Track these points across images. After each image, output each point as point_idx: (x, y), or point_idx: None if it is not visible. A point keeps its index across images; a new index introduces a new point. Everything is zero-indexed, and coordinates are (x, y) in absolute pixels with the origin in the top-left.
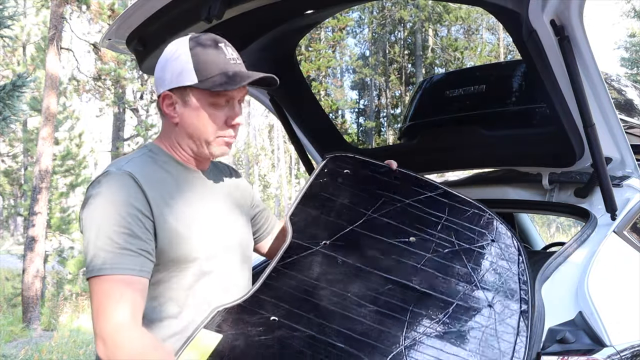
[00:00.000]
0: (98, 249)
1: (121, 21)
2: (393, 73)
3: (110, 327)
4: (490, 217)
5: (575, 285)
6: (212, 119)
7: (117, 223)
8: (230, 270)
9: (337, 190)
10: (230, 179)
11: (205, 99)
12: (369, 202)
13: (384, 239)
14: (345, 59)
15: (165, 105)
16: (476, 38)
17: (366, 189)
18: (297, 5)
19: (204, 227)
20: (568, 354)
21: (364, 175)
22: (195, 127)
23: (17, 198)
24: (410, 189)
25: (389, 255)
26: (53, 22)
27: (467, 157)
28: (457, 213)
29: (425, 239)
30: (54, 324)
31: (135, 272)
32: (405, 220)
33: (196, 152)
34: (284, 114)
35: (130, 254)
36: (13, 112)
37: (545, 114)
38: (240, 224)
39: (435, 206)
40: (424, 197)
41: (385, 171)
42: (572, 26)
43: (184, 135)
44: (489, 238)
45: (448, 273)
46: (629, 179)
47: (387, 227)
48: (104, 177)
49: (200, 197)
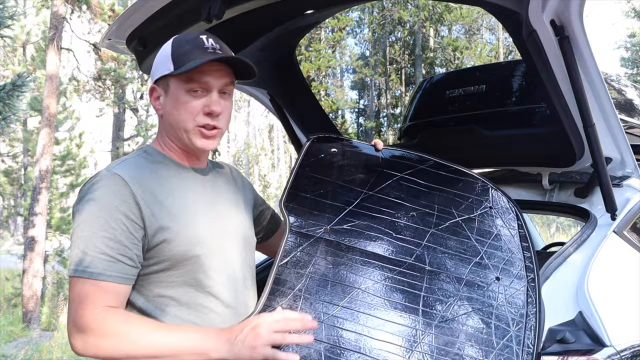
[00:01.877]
0: (79, 250)
1: (121, 21)
2: (393, 73)
3: (83, 320)
4: (484, 183)
5: (575, 285)
6: (189, 107)
7: (101, 227)
8: (232, 267)
9: (328, 170)
10: (230, 177)
11: (181, 86)
12: (362, 180)
13: (385, 217)
14: (345, 59)
15: (153, 98)
16: (476, 38)
17: (356, 166)
18: (297, 5)
19: (200, 225)
20: (568, 354)
21: (351, 153)
22: (174, 116)
23: (17, 198)
24: (400, 163)
25: (394, 233)
26: (53, 22)
27: (467, 157)
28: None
29: (426, 212)
30: (54, 324)
31: (110, 278)
32: (402, 195)
33: (182, 143)
34: (284, 114)
35: (108, 259)
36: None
37: (545, 114)
38: (241, 221)
39: (427, 177)
40: (415, 170)
41: (370, 148)
42: (572, 26)
43: (168, 126)
44: (487, 205)
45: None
46: (629, 179)
47: (385, 204)
48: (95, 178)
49: (197, 195)
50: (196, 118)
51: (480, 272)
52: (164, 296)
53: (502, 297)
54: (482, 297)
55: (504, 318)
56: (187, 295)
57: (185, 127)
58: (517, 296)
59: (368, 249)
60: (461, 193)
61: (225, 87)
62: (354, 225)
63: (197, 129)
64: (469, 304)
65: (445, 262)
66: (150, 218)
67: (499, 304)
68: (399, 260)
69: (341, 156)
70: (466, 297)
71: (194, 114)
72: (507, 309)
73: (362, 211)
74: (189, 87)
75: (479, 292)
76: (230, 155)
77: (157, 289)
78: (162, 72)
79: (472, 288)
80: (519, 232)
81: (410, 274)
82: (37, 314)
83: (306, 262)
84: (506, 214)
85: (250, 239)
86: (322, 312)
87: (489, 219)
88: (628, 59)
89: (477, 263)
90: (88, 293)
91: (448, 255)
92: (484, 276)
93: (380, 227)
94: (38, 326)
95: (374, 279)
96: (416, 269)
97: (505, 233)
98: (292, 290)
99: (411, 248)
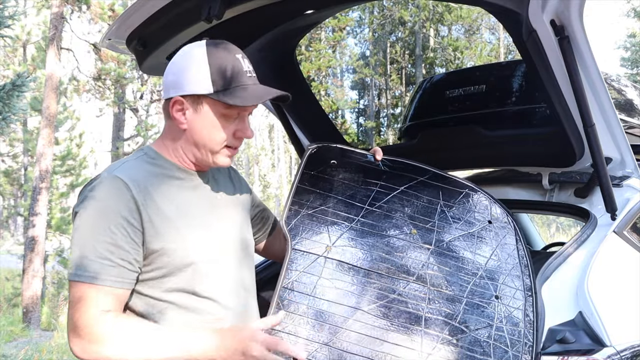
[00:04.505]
0: (80, 254)
1: (121, 21)
2: (393, 73)
3: (81, 324)
4: (483, 196)
5: (575, 285)
6: (222, 130)
7: (102, 231)
8: (231, 271)
9: (328, 184)
10: (228, 179)
11: (218, 110)
12: (362, 195)
13: (386, 234)
14: (345, 59)
15: (174, 110)
16: (476, 38)
17: (355, 180)
18: (297, 5)
19: (199, 230)
20: (568, 354)
21: (350, 165)
22: (203, 136)
23: (17, 198)
24: (399, 175)
25: (395, 251)
26: (53, 22)
27: (467, 157)
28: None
29: (426, 228)
30: (54, 324)
31: (109, 282)
32: (402, 210)
33: (199, 160)
34: (284, 114)
35: (108, 263)
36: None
37: (545, 114)
38: (240, 224)
39: (427, 191)
40: (414, 182)
41: (371, 160)
42: (572, 26)
43: (190, 142)
44: (486, 220)
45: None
46: (629, 179)
47: (385, 220)
48: (96, 181)
49: (196, 199)
50: (226, 141)
51: (480, 291)
52: (163, 300)
53: (501, 316)
54: (480, 316)
55: (501, 339)
56: (186, 300)
57: (213, 149)
58: (515, 315)
59: (369, 268)
60: (461, 207)
61: (253, 110)
62: (355, 244)
63: (225, 149)
64: (469, 324)
65: (445, 281)
66: (148, 223)
67: (497, 325)
68: (401, 280)
69: (341, 169)
70: (466, 318)
71: (225, 137)
72: (505, 329)
73: (363, 228)
74: (227, 112)
75: (477, 311)
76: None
77: (156, 294)
78: (199, 91)
79: (471, 307)
80: (517, 248)
81: (412, 294)
82: (37, 314)
83: (309, 284)
84: (505, 229)
85: (248, 242)
86: (323, 334)
87: (489, 235)
88: (628, 59)
89: (476, 283)
90: (87, 297)
91: (448, 273)
92: (482, 295)
93: (381, 245)
94: (38, 326)
95: (376, 299)
96: (417, 289)
97: (504, 249)
98: (295, 314)
99: (412, 267)
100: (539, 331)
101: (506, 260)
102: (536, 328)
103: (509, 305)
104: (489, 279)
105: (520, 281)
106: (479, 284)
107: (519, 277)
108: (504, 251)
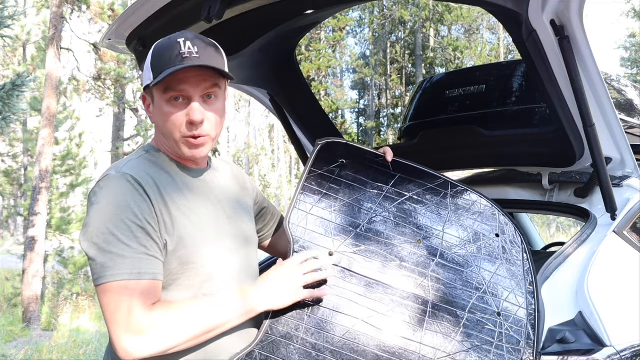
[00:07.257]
0: (113, 255)
1: (121, 21)
2: (393, 73)
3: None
4: (493, 208)
5: (575, 285)
6: (172, 118)
7: (127, 228)
8: (234, 269)
9: (335, 186)
10: (231, 176)
11: (161, 96)
12: (370, 199)
13: (391, 243)
14: (345, 59)
15: (146, 106)
16: (476, 38)
17: (364, 183)
18: (297, 5)
19: (204, 229)
20: (568, 354)
21: (360, 165)
22: (162, 127)
23: (17, 198)
24: (409, 180)
25: (399, 260)
26: (53, 22)
27: (467, 157)
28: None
29: (432, 239)
30: (54, 324)
31: (150, 276)
32: (409, 218)
33: (175, 152)
34: (284, 114)
35: (146, 258)
36: (13, 112)
37: (545, 114)
38: (243, 221)
39: (436, 199)
40: (424, 189)
41: (381, 161)
42: (572, 26)
43: (160, 134)
44: (494, 232)
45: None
46: (629, 179)
47: (391, 227)
48: (105, 181)
49: (200, 196)
50: (180, 129)
51: (482, 306)
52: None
53: (501, 333)
54: (481, 333)
55: (500, 357)
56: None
57: (174, 138)
58: (517, 333)
59: (372, 277)
60: (469, 218)
61: (208, 91)
62: (359, 251)
63: (183, 139)
64: (470, 340)
65: (448, 294)
66: (160, 219)
67: (498, 343)
68: (402, 290)
69: (350, 169)
70: (467, 333)
71: (177, 126)
72: (504, 348)
73: (368, 234)
74: (167, 96)
75: (478, 327)
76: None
77: (162, 292)
78: (145, 82)
79: (473, 323)
80: (523, 264)
81: (413, 305)
82: (37, 314)
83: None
84: (512, 243)
85: (252, 239)
86: (320, 342)
87: (495, 248)
88: (628, 59)
89: (480, 297)
90: (135, 294)
91: (452, 286)
92: (485, 311)
93: (385, 254)
94: (38, 326)
95: (376, 310)
96: (419, 301)
97: (510, 264)
98: (294, 320)
99: (415, 278)
100: (538, 349)
101: (513, 275)
102: (537, 350)
103: (509, 322)
104: (492, 294)
105: (523, 298)
106: (483, 299)
107: (523, 294)
108: (510, 266)
